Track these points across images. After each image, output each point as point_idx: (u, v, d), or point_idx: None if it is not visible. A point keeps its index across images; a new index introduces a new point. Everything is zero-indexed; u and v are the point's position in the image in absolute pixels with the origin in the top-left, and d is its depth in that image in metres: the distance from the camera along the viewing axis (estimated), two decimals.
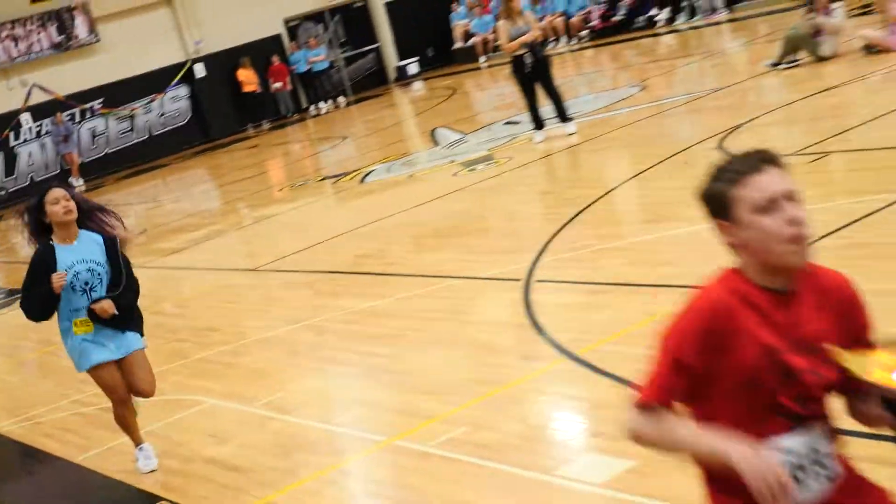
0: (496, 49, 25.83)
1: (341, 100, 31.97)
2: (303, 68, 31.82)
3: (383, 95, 31.87)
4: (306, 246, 13.57)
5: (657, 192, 11.65)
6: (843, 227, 8.32)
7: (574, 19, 29.31)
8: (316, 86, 32.00)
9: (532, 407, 6.84)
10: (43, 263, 6.80)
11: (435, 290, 10.00)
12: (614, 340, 7.28)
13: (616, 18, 28.50)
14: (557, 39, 28.95)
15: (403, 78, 33.08)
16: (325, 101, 31.67)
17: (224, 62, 31.05)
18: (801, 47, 16.41)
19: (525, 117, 16.48)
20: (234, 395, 5.91)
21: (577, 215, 11.12)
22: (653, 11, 27.08)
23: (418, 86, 31.64)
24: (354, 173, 18.56)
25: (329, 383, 8.43)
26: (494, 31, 20.87)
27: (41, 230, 6.95)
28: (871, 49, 15.44)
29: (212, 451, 6.10)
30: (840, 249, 7.94)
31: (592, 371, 6.83)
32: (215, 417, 8.11)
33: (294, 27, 32.83)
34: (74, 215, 6.85)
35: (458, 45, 32.66)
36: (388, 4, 33.61)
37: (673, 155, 12.85)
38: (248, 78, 31.00)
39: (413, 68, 33.17)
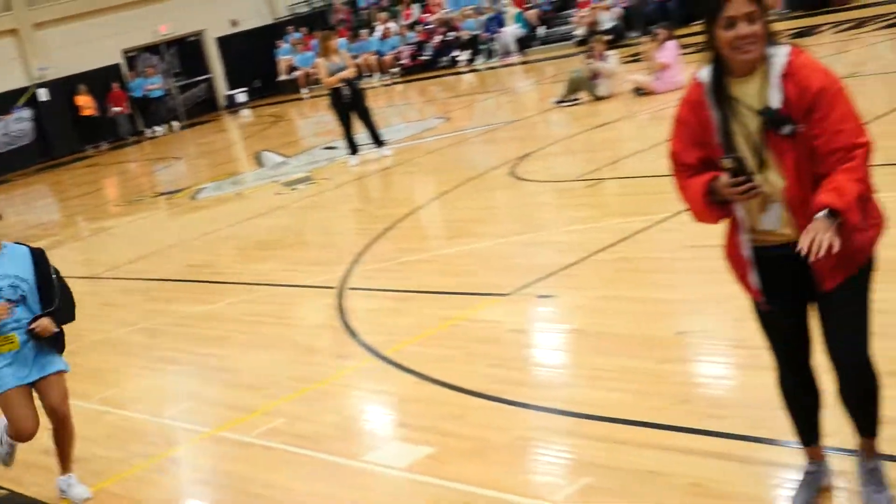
0: (317, 82, 25.76)
1: (175, 124, 31.35)
2: (140, 94, 31.20)
3: (214, 121, 31.45)
4: (141, 256, 13.30)
5: (458, 210, 11.79)
6: (615, 243, 8.55)
7: (386, 57, 29.45)
8: (152, 111, 31.38)
9: (345, 401, 6.87)
10: None
11: (259, 296, 9.94)
12: (418, 342, 7.35)
13: (423, 58, 28.79)
14: (371, 74, 28.99)
15: (233, 106, 32.81)
16: (161, 125, 31.06)
17: (66, 88, 30.25)
18: (582, 88, 16.89)
19: (342, 143, 16.48)
20: (71, 391, 5.78)
21: (387, 230, 11.18)
22: (455, 53, 27.43)
23: (246, 113, 31.31)
24: (187, 190, 18.30)
25: (161, 380, 8.29)
26: (315, 67, 20.78)
27: None
28: (640, 91, 15.99)
29: (48, 443, 5.94)
30: (612, 262, 8.20)
31: (398, 369, 6.89)
32: None
33: (132, 57, 32.19)
34: None
35: (282, 77, 32.44)
36: (219, 39, 33.40)
37: (471, 179, 13.05)
38: (85, 103, 30.26)
39: (241, 97, 32.97)
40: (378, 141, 15.92)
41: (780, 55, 3.67)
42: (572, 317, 7.49)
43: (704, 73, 3.79)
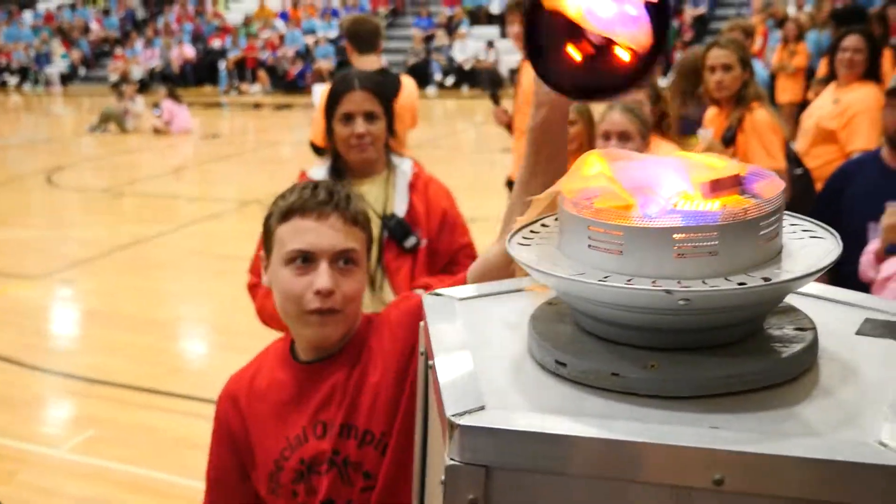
0: None
1: None
2: None
3: None
4: None
5: None
6: (131, 244, 8.06)
7: None
8: None
9: None
10: None
11: None
12: None
13: None
14: None
15: None
16: None
17: None
18: (112, 120, 15.83)
19: None
20: None
21: None
22: (6, 76, 24.69)
23: None
24: None
25: None
26: None
27: None
28: (158, 130, 15.33)
29: None
30: (127, 259, 7.71)
31: None
32: None
33: None
34: None
35: None
36: None
37: (12, 181, 11.75)
38: None
39: None
40: None
41: (405, 166, 2.87)
42: (89, 299, 6.93)
43: (317, 171, 2.85)
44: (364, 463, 1.60)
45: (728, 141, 3.91)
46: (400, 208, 2.79)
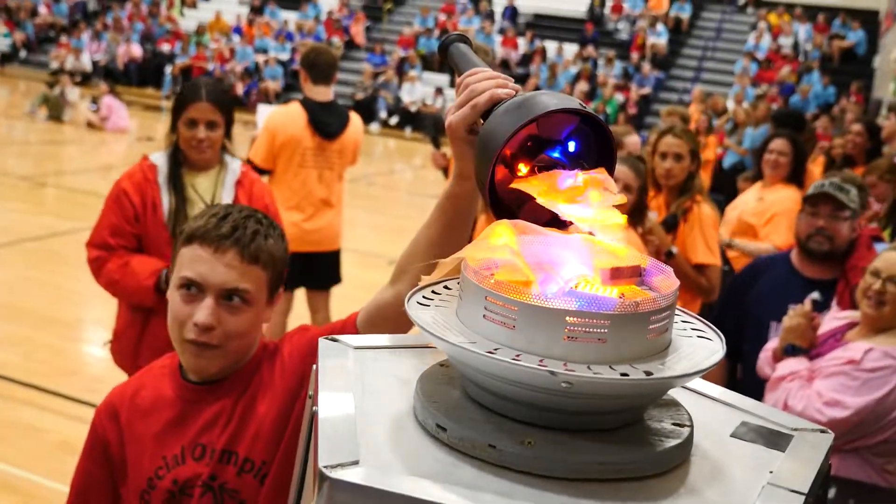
0: None
1: None
2: None
3: None
4: None
5: None
6: (45, 237, 7.85)
7: None
8: None
9: None
10: None
11: None
12: None
13: None
14: None
15: None
16: None
17: None
18: (51, 107, 15.48)
19: None
20: None
21: None
22: None
23: None
24: None
25: None
26: None
27: None
28: (92, 125, 15.00)
29: None
30: (38, 251, 7.50)
31: None
32: None
33: None
34: None
35: None
36: None
37: None
38: None
39: None
40: None
41: (235, 165, 3.26)
42: None
43: (158, 157, 3.18)
44: (241, 491, 1.59)
45: (669, 227, 3.98)
46: (226, 199, 3.16)
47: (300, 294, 5.12)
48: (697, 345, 0.93)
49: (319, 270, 4.99)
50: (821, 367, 2.83)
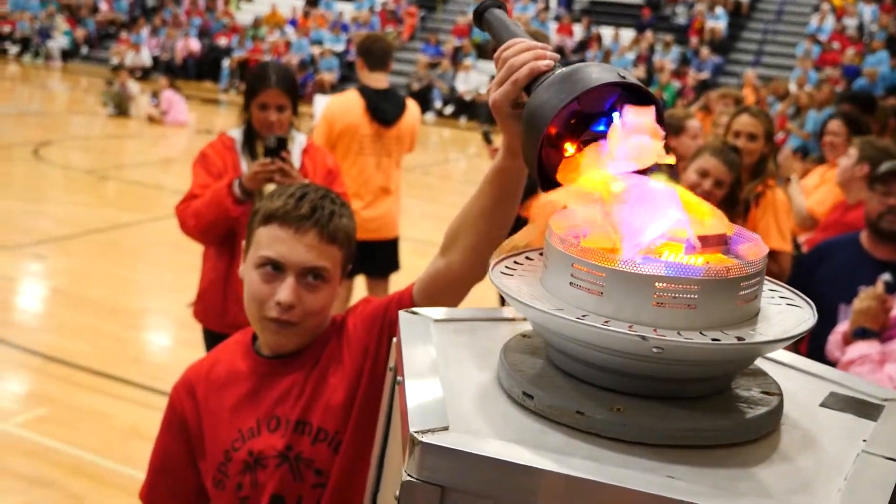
0: None
1: None
2: None
3: None
4: None
5: None
6: (107, 229, 8.02)
7: None
8: None
9: None
10: None
11: None
12: None
13: None
14: None
15: None
16: None
17: None
18: (117, 102, 15.73)
19: None
20: None
21: None
22: (7, 45, 24.53)
23: None
24: None
25: None
26: None
27: None
28: (153, 118, 15.26)
29: None
30: (101, 243, 7.66)
31: None
32: None
33: None
34: None
35: None
36: None
37: None
38: None
39: None
40: None
41: (301, 138, 3.53)
42: (57, 277, 6.85)
43: (235, 132, 3.50)
44: (316, 460, 1.62)
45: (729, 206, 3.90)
46: (295, 165, 3.37)
47: (360, 282, 5.15)
48: (787, 312, 0.92)
49: (378, 258, 5.02)
50: (893, 351, 2.77)
